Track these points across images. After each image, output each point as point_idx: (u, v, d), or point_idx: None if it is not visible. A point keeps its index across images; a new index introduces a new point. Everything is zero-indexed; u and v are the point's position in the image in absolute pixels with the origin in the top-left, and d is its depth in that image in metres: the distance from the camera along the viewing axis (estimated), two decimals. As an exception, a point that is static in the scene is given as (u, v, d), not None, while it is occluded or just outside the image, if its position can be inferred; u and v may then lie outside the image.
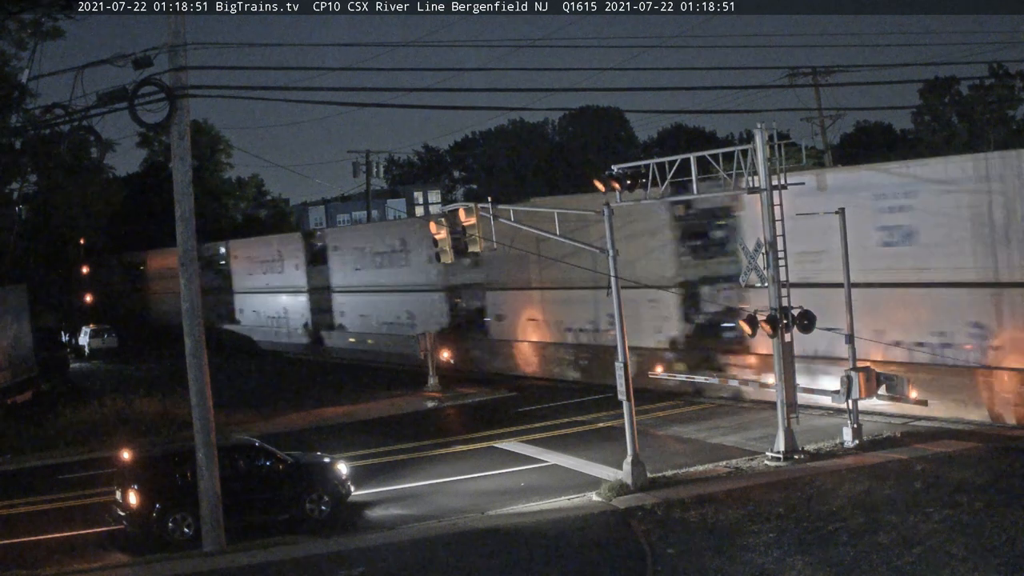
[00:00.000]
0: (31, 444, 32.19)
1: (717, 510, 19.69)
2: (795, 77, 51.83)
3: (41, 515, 24.01)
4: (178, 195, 20.22)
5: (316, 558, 18.81)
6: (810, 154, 56.72)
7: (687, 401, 32.47)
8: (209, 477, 19.96)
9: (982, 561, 15.54)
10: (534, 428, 30.42)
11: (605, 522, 20.00)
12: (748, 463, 23.66)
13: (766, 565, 16.41)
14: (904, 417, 26.51)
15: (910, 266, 27.17)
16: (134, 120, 19.38)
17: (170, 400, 34.36)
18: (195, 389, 20.19)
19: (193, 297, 20.29)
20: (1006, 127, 78.04)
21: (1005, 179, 25.32)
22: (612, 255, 23.01)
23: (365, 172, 67.44)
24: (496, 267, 42.10)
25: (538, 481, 24.04)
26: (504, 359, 42.68)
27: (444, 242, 26.33)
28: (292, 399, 39.32)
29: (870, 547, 16.66)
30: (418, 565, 18.13)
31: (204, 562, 19.23)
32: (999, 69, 76.36)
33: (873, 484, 20.46)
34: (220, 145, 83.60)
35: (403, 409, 36.35)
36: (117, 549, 20.89)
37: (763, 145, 23.73)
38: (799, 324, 23.72)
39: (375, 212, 77.52)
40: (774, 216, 23.82)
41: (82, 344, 65.89)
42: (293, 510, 21.93)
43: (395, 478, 25.34)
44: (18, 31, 37.58)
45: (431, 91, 41.81)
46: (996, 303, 25.60)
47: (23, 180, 47.18)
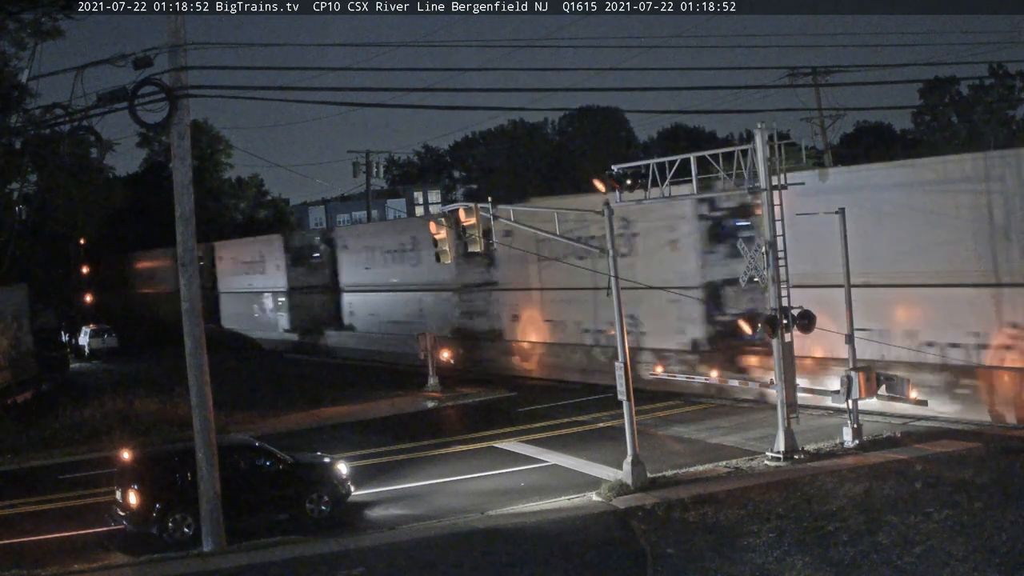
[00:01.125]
0: (31, 444, 32.19)
1: (717, 510, 19.68)
2: (795, 77, 51.75)
3: (41, 515, 23.99)
4: (178, 195, 20.22)
5: (316, 558, 18.79)
6: (810, 154, 56.64)
7: (687, 401, 32.47)
8: (209, 477, 19.96)
9: (982, 561, 15.54)
10: (533, 428, 30.43)
11: (605, 522, 19.99)
12: (748, 463, 23.66)
13: (766, 565, 16.41)
14: (904, 417, 26.52)
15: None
16: (134, 120, 19.38)
17: (170, 400, 34.35)
18: (195, 389, 20.19)
19: (193, 297, 20.29)
20: (1006, 127, 78.03)
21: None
22: (612, 255, 23.01)
23: (365, 172, 67.43)
24: (509, 266, 41.52)
25: (538, 481, 24.04)
26: (521, 359, 42.09)
27: (444, 242, 26.31)
28: (292, 399, 39.30)
29: (870, 547, 16.66)
30: (418, 565, 18.11)
31: (204, 562, 19.22)
32: (999, 69, 76.41)
33: (873, 484, 20.46)
34: (220, 145, 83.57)
35: (403, 409, 36.34)
36: (117, 549, 20.87)
37: (763, 145, 23.74)
38: (799, 324, 23.72)
39: (375, 212, 77.47)
40: (774, 216, 23.83)
41: (82, 344, 65.89)
42: (293, 510, 21.93)
43: (395, 478, 25.33)
44: (18, 31, 37.52)
45: (431, 91, 41.80)
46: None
47: (23, 180, 47.15)
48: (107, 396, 37.00)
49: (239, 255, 68.05)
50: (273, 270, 63.00)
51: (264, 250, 64.70)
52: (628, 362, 22.69)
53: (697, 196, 27.77)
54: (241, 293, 67.50)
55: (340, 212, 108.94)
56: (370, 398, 38.67)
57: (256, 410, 36.45)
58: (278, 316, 63.02)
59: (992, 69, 75.96)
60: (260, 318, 64.97)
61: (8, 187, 45.88)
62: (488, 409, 35.06)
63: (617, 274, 22.94)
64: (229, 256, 69.50)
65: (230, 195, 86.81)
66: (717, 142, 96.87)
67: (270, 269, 63.45)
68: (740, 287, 30.22)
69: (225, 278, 69.72)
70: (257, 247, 66.19)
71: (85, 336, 66.06)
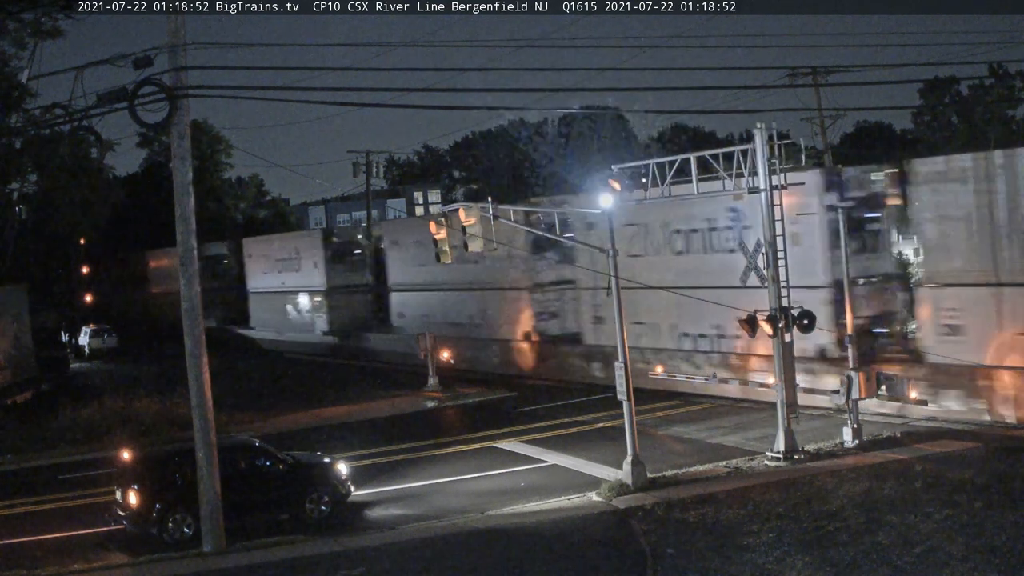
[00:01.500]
0: (31, 444, 32.18)
1: (717, 510, 19.68)
2: (795, 77, 51.72)
3: (41, 515, 23.99)
4: (178, 195, 20.21)
5: (316, 558, 18.80)
6: (810, 154, 56.64)
7: (687, 401, 32.44)
8: (209, 477, 19.96)
9: (982, 561, 15.55)
10: (534, 428, 30.43)
11: (605, 522, 20.00)
12: (748, 463, 23.65)
13: (766, 565, 16.41)
14: (904, 417, 26.51)
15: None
16: (134, 120, 19.39)
17: (170, 400, 34.35)
18: (195, 389, 20.19)
19: (193, 297, 20.29)
20: (1006, 127, 77.97)
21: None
22: (612, 255, 23.01)
23: (365, 172, 67.42)
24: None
25: (538, 481, 24.04)
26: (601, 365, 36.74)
27: (444, 242, 26.32)
28: (293, 399, 39.30)
29: (870, 547, 16.66)
30: (418, 565, 18.12)
31: (204, 562, 19.22)
32: (999, 69, 76.32)
33: (873, 484, 20.46)
34: (220, 145, 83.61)
35: (404, 409, 36.34)
36: (117, 549, 20.87)
37: (763, 145, 23.73)
38: (799, 324, 23.71)
39: (375, 212, 77.45)
40: (774, 216, 23.82)
41: (82, 344, 65.87)
42: (293, 510, 21.92)
43: (395, 478, 25.33)
44: (18, 31, 37.52)
45: (431, 91, 41.69)
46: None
47: (23, 180, 47.14)
48: (107, 396, 36.97)
49: (272, 252, 63.84)
50: (310, 268, 58.72)
51: (301, 246, 60.77)
52: (628, 362, 22.68)
53: (697, 196, 27.73)
54: (273, 293, 63.33)
55: (340, 212, 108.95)
56: (370, 398, 38.64)
57: (256, 410, 36.44)
58: (315, 317, 58.70)
59: (992, 69, 75.87)
60: (295, 319, 60.64)
61: (8, 187, 45.88)
62: (489, 409, 34.89)
63: (617, 274, 22.94)
64: (260, 253, 65.50)
65: (230, 195, 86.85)
66: (717, 142, 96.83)
67: (307, 267, 59.13)
68: (871, 286, 28.84)
69: (256, 277, 65.72)
70: (293, 243, 62.62)
71: (85, 336, 66.05)
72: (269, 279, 63.81)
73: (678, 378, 32.82)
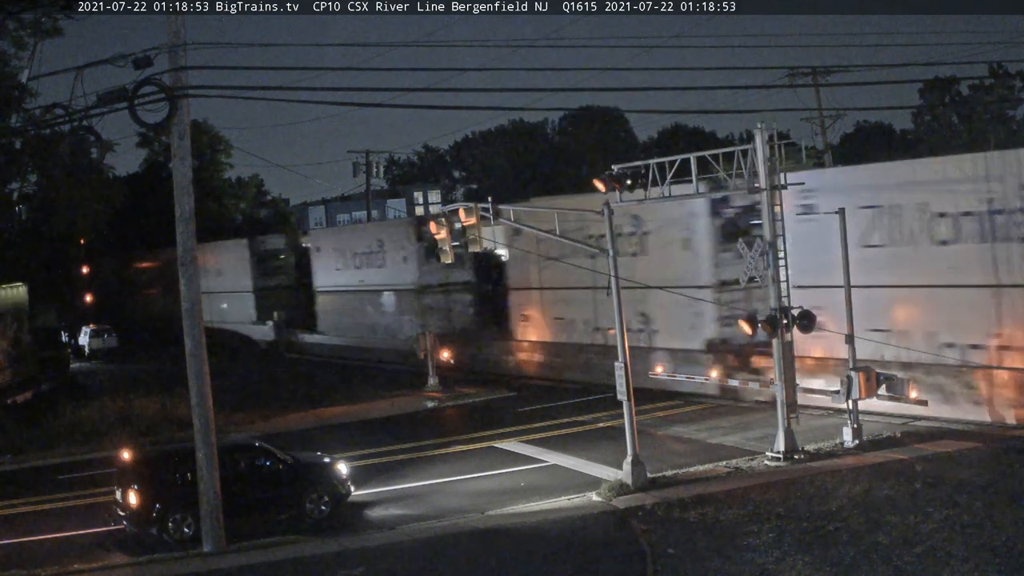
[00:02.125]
0: (31, 444, 32.18)
1: (717, 510, 19.68)
2: (795, 77, 51.79)
3: (41, 515, 23.99)
4: (178, 195, 20.21)
5: (316, 558, 18.81)
6: (810, 154, 56.71)
7: (687, 401, 32.42)
8: (209, 477, 19.96)
9: (982, 561, 15.55)
10: (535, 428, 30.42)
11: (605, 522, 20.00)
12: (748, 463, 23.65)
13: (766, 565, 16.41)
14: (904, 417, 26.49)
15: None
16: (134, 120, 19.38)
17: (170, 400, 34.35)
18: (195, 389, 20.19)
19: (193, 297, 20.30)
20: (1006, 127, 78.00)
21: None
22: (612, 255, 23.01)
23: (365, 172, 67.45)
24: None
25: (538, 481, 24.04)
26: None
27: (444, 242, 26.29)
28: (294, 399, 39.30)
29: (870, 547, 16.66)
30: (418, 565, 18.13)
31: (204, 562, 19.23)
32: (999, 69, 76.35)
33: (873, 484, 20.46)
34: (220, 145, 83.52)
35: (404, 409, 36.33)
36: (117, 549, 20.88)
37: (763, 145, 23.73)
38: (799, 324, 23.71)
39: (375, 212, 77.48)
40: (774, 216, 23.82)
41: (82, 344, 65.88)
42: (293, 510, 21.91)
43: (395, 478, 25.33)
44: (18, 31, 37.52)
45: (431, 91, 41.70)
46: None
47: (23, 180, 47.13)
48: (107, 396, 36.98)
49: (348, 245, 56.65)
50: (399, 263, 51.19)
51: (386, 237, 53.07)
52: (628, 362, 22.68)
53: (697, 195, 27.78)
54: (347, 292, 55.96)
55: (340, 212, 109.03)
56: (370, 398, 38.63)
57: (256, 410, 36.43)
58: (403, 319, 51.14)
59: (992, 69, 75.90)
60: (377, 322, 53.37)
61: (8, 187, 45.87)
62: (489, 409, 34.90)
63: (617, 274, 22.94)
64: (331, 247, 58.74)
65: (230, 195, 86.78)
66: (717, 142, 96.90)
67: (394, 261, 51.73)
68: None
69: (325, 273, 58.69)
70: (375, 234, 54.98)
71: (85, 336, 66.06)
72: (344, 276, 56.46)
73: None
